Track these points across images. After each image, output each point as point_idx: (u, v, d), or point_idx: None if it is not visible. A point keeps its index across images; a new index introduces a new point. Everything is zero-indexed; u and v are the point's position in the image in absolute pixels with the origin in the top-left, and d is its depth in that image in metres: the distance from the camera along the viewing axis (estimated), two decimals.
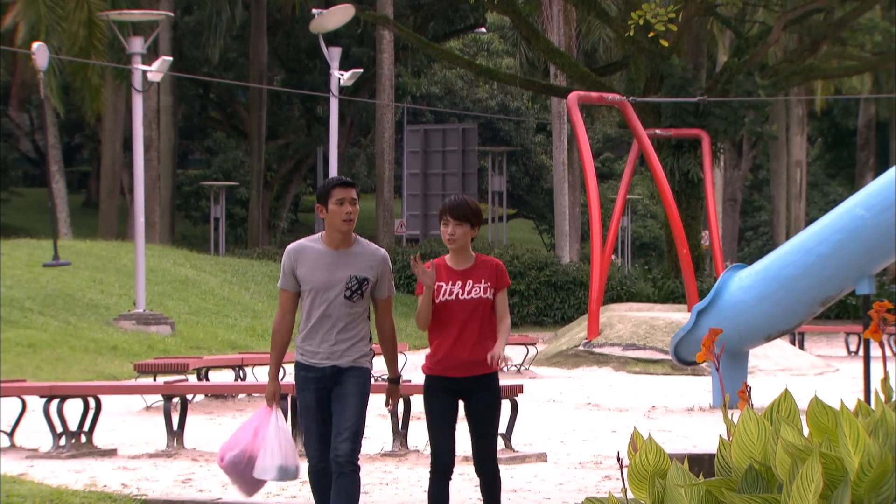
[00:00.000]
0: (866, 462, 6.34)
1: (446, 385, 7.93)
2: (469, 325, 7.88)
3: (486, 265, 7.98)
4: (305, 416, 7.91)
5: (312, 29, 28.56)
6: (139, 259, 23.70)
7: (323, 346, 7.83)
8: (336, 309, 7.81)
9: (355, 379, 7.86)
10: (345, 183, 7.91)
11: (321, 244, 7.93)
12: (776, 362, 22.07)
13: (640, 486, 6.63)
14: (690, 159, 31.60)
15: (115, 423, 14.89)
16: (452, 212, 7.90)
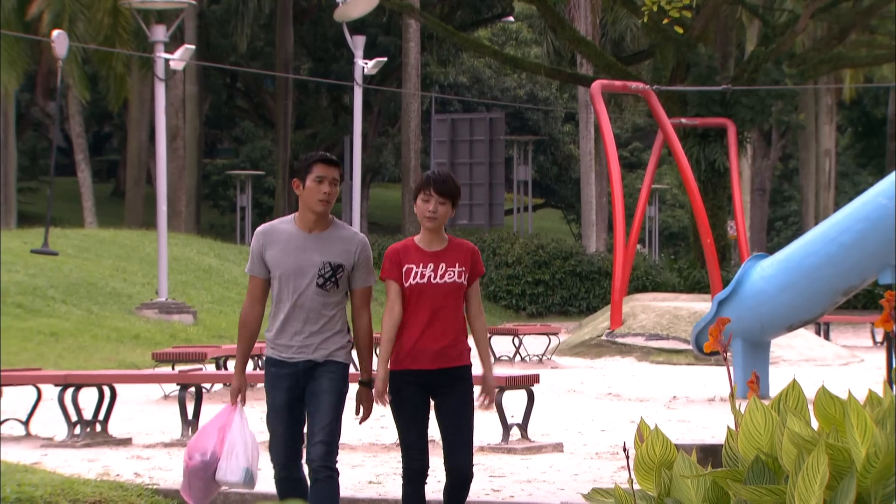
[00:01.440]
0: (873, 453, 6.26)
1: (414, 379, 7.25)
2: (441, 313, 7.25)
3: (460, 248, 7.33)
4: (273, 416, 7.22)
5: (336, 17, 28.50)
6: (161, 248, 23.72)
7: (295, 340, 7.16)
8: (308, 298, 7.14)
9: (331, 375, 7.20)
10: (328, 160, 7.23)
11: (293, 226, 7.25)
12: (800, 352, 21.95)
13: (647, 477, 6.57)
14: (716, 148, 31.45)
15: (132, 412, 14.88)
16: (437, 186, 7.23)
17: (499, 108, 58.30)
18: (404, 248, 7.32)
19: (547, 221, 66.98)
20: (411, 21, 40.99)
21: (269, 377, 7.24)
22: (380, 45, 49.62)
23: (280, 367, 7.18)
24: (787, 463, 6.64)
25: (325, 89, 54.95)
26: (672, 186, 63.98)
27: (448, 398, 7.29)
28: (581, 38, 34.06)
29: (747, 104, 31.36)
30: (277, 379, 7.20)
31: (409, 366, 7.24)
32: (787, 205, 67.07)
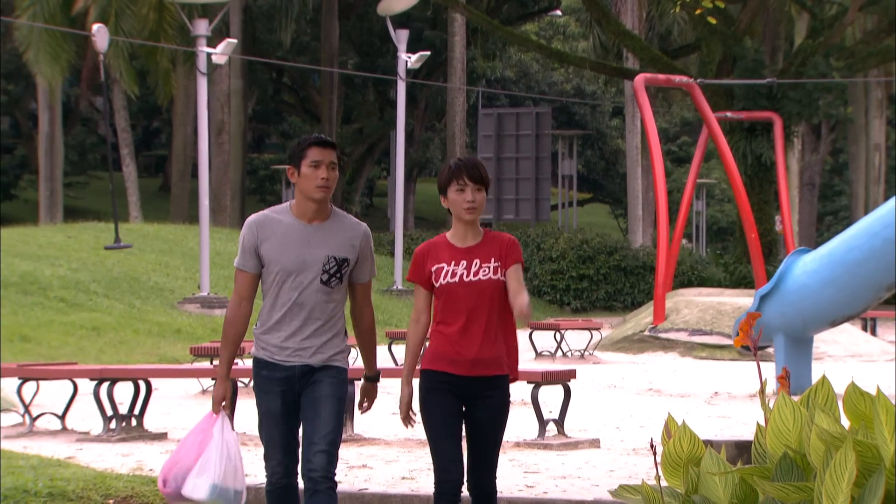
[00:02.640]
0: None
1: (449, 381, 6.60)
2: (477, 315, 6.59)
3: (495, 241, 6.66)
4: (267, 422, 6.59)
5: (380, 11, 28.58)
6: (203, 242, 23.78)
7: (292, 341, 6.51)
8: (310, 296, 6.49)
9: (331, 379, 6.58)
10: (323, 142, 6.58)
11: (290, 216, 6.57)
12: (846, 348, 21.77)
13: (675, 474, 6.51)
14: (763, 142, 31.24)
15: (169, 407, 14.92)
16: (471, 173, 6.59)
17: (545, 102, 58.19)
18: (433, 246, 6.68)
19: (594, 216, 66.83)
20: (456, 15, 40.94)
21: (259, 380, 6.61)
22: (426, 39, 49.59)
23: (272, 370, 6.55)
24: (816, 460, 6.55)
25: (372, 84, 54.97)
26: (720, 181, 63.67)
27: (481, 411, 6.67)
28: (626, 32, 33.91)
29: (794, 98, 31.14)
30: (269, 383, 6.57)
31: (445, 368, 6.63)
32: (838, 199, 66.60)
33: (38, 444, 11.98)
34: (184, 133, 40.74)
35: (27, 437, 12.43)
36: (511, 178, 44.49)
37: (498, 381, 6.67)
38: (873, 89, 47.52)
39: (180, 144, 40.43)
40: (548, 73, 62.71)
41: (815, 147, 54.70)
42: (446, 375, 6.61)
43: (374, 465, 10.74)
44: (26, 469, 10.06)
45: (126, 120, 40.73)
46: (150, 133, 71.16)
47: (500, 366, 6.65)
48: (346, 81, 53.66)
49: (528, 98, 58.67)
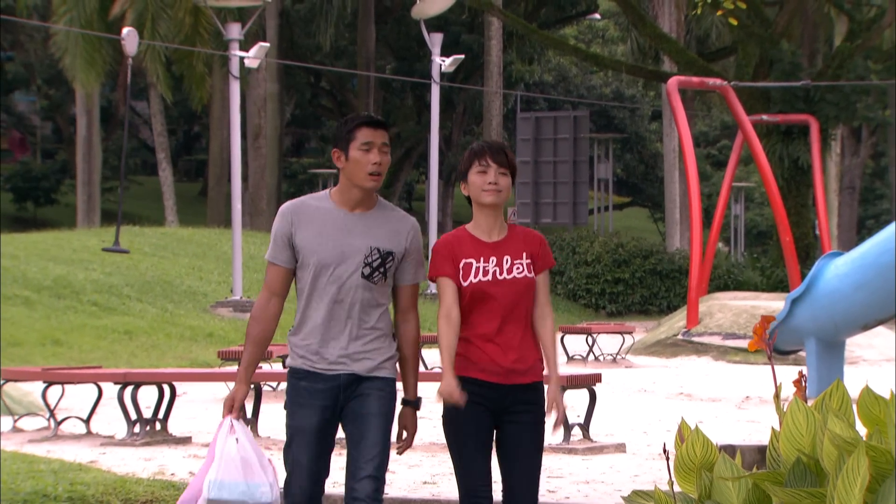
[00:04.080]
0: None
1: (480, 393, 5.85)
2: (512, 318, 5.88)
3: (525, 236, 5.99)
4: (297, 442, 5.79)
5: (414, 15, 28.57)
6: (236, 246, 23.81)
7: (334, 346, 5.74)
8: (350, 292, 5.72)
9: (379, 392, 5.78)
10: (374, 121, 5.82)
11: (330, 203, 5.81)
12: (881, 352, 21.59)
13: (688, 479, 6.43)
14: (800, 146, 31.02)
15: (196, 411, 14.89)
16: (495, 154, 5.91)
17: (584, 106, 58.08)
18: (456, 238, 5.95)
19: (634, 220, 66.66)
20: (493, 19, 40.89)
21: (294, 393, 5.81)
22: (463, 43, 49.55)
23: (313, 380, 5.75)
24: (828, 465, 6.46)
25: (409, 88, 54.99)
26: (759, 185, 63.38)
27: (517, 427, 5.92)
28: (662, 35, 33.76)
29: (831, 101, 30.93)
30: (310, 395, 5.75)
31: (476, 374, 5.87)
32: (879, 203, 66.19)
33: (61, 448, 11.97)
34: (220, 137, 40.81)
35: (51, 441, 12.42)
36: (549, 182, 44.39)
37: (535, 390, 5.96)
38: None
39: (217, 149, 40.51)
40: (587, 77, 62.58)
41: (856, 150, 54.34)
42: (478, 384, 5.85)
43: (395, 469, 10.68)
44: (47, 473, 10.04)
45: (162, 124, 40.86)
46: (190, 137, 71.44)
47: (537, 372, 5.97)
48: (383, 86, 53.69)
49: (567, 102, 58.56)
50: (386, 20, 52.08)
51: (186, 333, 21.75)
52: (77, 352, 19.40)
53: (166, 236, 29.55)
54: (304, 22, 49.46)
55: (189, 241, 29.45)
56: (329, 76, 54.19)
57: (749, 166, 53.47)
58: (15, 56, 59.13)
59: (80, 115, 39.95)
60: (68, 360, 18.51)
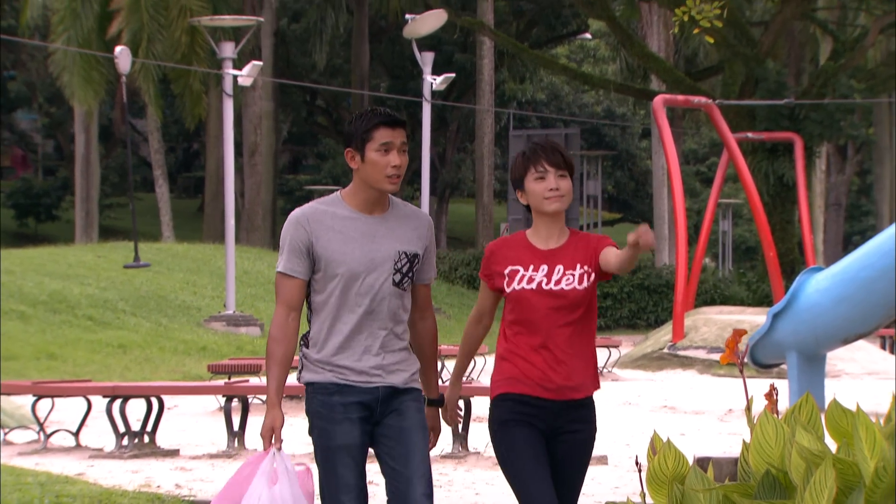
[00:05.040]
0: (881, 467, 6.03)
1: (533, 413, 5.32)
2: (558, 332, 5.33)
3: (582, 242, 5.38)
4: (341, 462, 5.18)
5: (406, 34, 28.52)
6: (229, 260, 23.77)
7: (368, 359, 5.23)
8: (384, 302, 5.22)
9: (417, 405, 5.35)
10: (393, 120, 5.24)
11: (345, 207, 5.25)
12: (863, 366, 21.54)
13: (660, 491, 6.38)
14: (785, 163, 31.05)
15: (186, 424, 14.83)
16: (550, 157, 5.33)
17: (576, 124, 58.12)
18: (508, 244, 5.42)
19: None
20: (484, 38, 40.91)
21: (326, 410, 5.20)
22: (456, 62, 49.61)
23: (347, 393, 5.20)
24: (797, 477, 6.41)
25: (403, 106, 55.06)
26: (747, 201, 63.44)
27: (566, 448, 5.42)
28: (650, 54, 33.78)
29: (816, 119, 30.95)
30: (345, 409, 5.19)
31: (527, 391, 5.32)
32: (865, 219, 66.26)
33: (50, 460, 11.91)
34: (217, 154, 40.72)
35: (40, 454, 12.35)
36: None
37: (587, 407, 5.44)
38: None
39: (213, 165, 40.46)
40: (578, 95, 62.66)
41: (842, 168, 54.37)
42: (528, 401, 5.30)
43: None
44: (34, 486, 9.98)
45: (160, 141, 40.83)
46: (190, 155, 71.45)
47: (586, 386, 5.44)
48: (378, 104, 53.72)
49: (559, 120, 58.61)
50: (380, 39, 52.13)
51: (180, 347, 21.69)
52: (71, 366, 19.33)
53: (161, 252, 29.48)
54: (300, 41, 49.52)
55: (184, 257, 29.40)
56: (324, 94, 54.23)
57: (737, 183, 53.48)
58: (17, 75, 59.16)
59: (78, 132, 39.93)
60: (62, 373, 18.44)
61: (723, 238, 53.57)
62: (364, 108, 5.38)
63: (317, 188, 52.94)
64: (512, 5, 51.70)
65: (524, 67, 54.46)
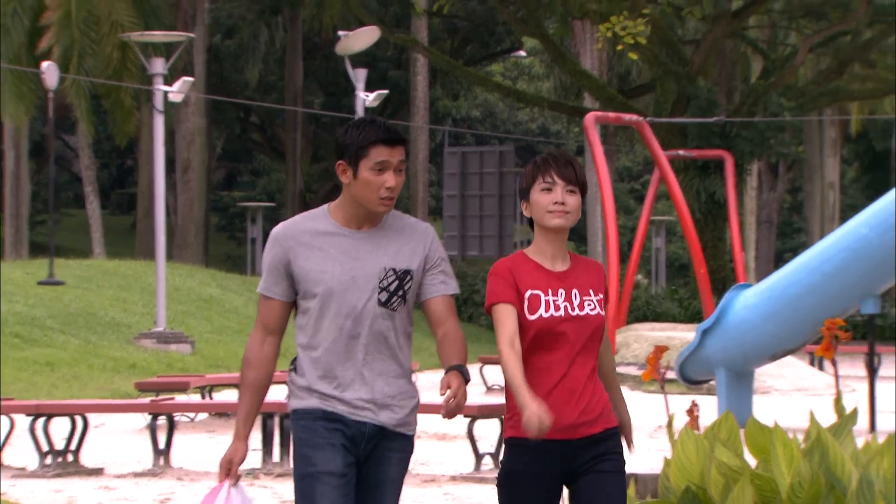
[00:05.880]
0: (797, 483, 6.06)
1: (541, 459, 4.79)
2: (582, 361, 4.84)
3: (590, 268, 4.97)
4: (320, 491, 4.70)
5: (339, 51, 28.52)
6: (160, 278, 23.60)
7: (356, 389, 4.76)
8: (368, 324, 4.77)
9: (400, 456, 4.84)
10: (392, 138, 4.80)
11: (330, 222, 4.84)
12: (792, 382, 21.67)
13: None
14: (717, 180, 31.23)
15: (112, 442, 14.69)
16: (561, 170, 4.86)
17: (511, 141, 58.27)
18: (517, 264, 4.86)
19: None
20: (418, 55, 40.93)
21: (309, 434, 4.75)
22: (390, 78, 49.60)
23: (331, 419, 4.76)
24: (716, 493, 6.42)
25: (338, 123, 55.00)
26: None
27: (594, 479, 4.87)
28: (582, 72, 33.91)
29: (746, 137, 31.18)
30: (330, 434, 4.75)
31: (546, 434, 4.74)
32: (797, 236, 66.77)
33: None
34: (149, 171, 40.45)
35: None
36: (476, 216, 44.47)
37: (608, 440, 4.91)
38: (827, 128, 47.66)
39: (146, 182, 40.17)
40: (513, 113, 62.81)
41: (773, 185, 54.78)
42: (540, 446, 4.75)
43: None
44: None
45: (90, 158, 40.55)
46: (123, 171, 71.05)
47: (609, 417, 4.95)
48: (314, 120, 53.62)
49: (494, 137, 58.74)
50: (315, 56, 52.05)
51: (109, 365, 21.48)
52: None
53: (91, 268, 29.19)
54: (233, 57, 49.35)
55: (114, 273, 29.14)
56: (258, 111, 54.08)
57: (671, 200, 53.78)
58: None
59: (7, 148, 39.57)
60: None
61: (656, 255, 53.79)
62: (360, 118, 4.94)
63: (250, 205, 52.74)
64: (446, 23, 51.78)
65: (458, 84, 54.55)
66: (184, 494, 11.14)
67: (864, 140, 60.36)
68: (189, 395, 16.62)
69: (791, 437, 6.32)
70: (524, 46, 57.96)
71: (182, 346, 23.64)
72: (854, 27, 32.32)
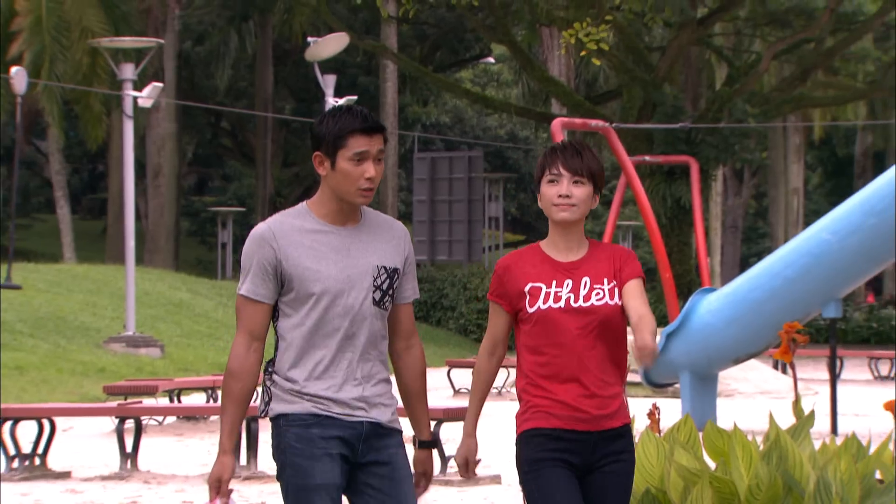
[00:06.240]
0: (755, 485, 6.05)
1: (566, 448, 4.65)
2: (592, 352, 4.66)
3: (605, 254, 4.74)
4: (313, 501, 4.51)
5: (308, 57, 28.46)
6: (129, 282, 23.49)
7: (349, 389, 4.56)
8: (363, 324, 4.58)
9: (401, 451, 4.66)
10: (370, 126, 4.59)
11: (313, 219, 4.62)
12: (756, 385, 21.72)
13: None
14: (682, 186, 31.28)
15: (80, 446, 14.61)
16: (568, 160, 4.69)
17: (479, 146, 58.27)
18: (525, 257, 4.74)
19: None
20: (388, 62, 40.91)
21: (304, 443, 4.51)
22: (360, 84, 49.57)
23: (326, 426, 4.52)
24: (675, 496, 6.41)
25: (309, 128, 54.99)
26: None
27: (607, 481, 4.71)
28: (549, 78, 33.93)
29: (711, 143, 31.24)
30: (325, 443, 4.51)
31: (560, 424, 4.65)
32: (762, 241, 66.98)
33: None
34: (120, 175, 40.35)
35: None
36: (445, 221, 44.46)
37: (623, 437, 4.75)
38: (791, 135, 47.84)
39: (116, 187, 40.06)
40: (482, 119, 62.80)
41: (738, 191, 54.96)
42: (564, 434, 4.63)
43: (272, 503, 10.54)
44: None
45: (61, 162, 40.39)
46: (95, 176, 70.81)
47: (624, 413, 4.76)
48: (285, 126, 53.55)
49: (463, 142, 58.73)
50: (285, 62, 51.96)
51: (78, 369, 21.37)
52: None
53: (61, 273, 29.05)
54: (204, 64, 49.24)
55: (84, 278, 29.01)
56: (229, 116, 53.97)
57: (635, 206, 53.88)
58: None
59: None
60: None
61: None
62: (336, 107, 4.69)
63: (221, 210, 52.62)
64: (415, 29, 51.77)
65: (428, 90, 54.58)
66: (151, 497, 11.08)
67: (828, 146, 60.66)
68: (157, 398, 16.55)
69: (751, 439, 6.32)
70: (493, 53, 57.98)
71: (151, 349, 23.55)
72: (817, 35, 32.44)
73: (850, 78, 37.01)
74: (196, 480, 11.87)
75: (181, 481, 11.93)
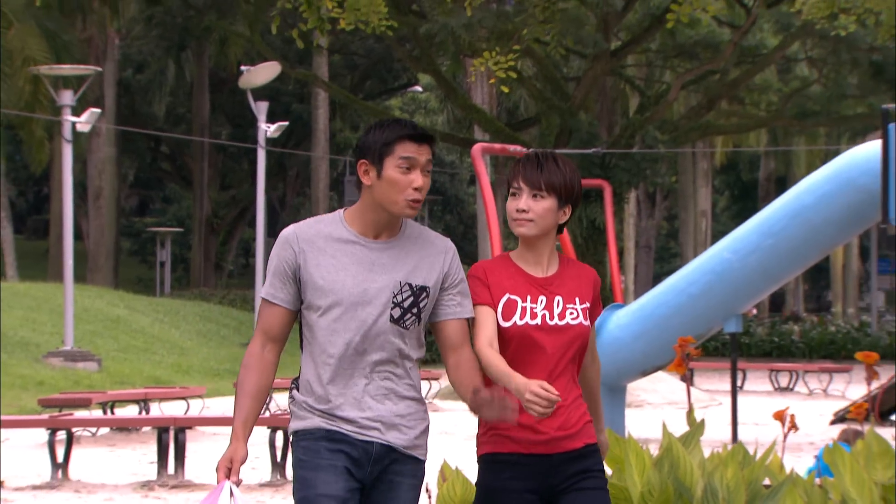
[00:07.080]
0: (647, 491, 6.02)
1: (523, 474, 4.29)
2: (560, 373, 4.33)
3: (580, 274, 4.44)
4: None
5: (241, 84, 28.37)
6: (68, 298, 23.23)
7: (361, 407, 4.20)
8: (378, 340, 4.19)
9: (412, 482, 4.28)
10: (419, 135, 4.23)
11: (345, 229, 4.24)
12: (664, 396, 21.79)
13: None
14: (597, 208, 31.38)
15: (14, 456, 14.37)
16: (528, 173, 4.34)
17: None
18: (498, 266, 4.35)
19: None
20: (319, 90, 40.83)
21: (310, 455, 4.19)
22: (293, 111, 49.47)
23: (335, 440, 4.19)
24: None
25: (244, 153, 54.78)
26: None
27: (576, 498, 4.34)
28: (472, 106, 33.98)
29: (624, 167, 31.38)
30: (332, 455, 4.17)
31: (513, 448, 4.29)
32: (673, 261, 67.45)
33: None
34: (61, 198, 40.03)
35: None
36: None
37: (588, 457, 4.38)
38: (699, 160, 48.20)
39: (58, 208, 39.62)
40: None
41: (651, 213, 55.28)
42: (520, 459, 4.29)
43: None
44: None
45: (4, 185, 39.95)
46: (40, 198, 70.43)
47: (589, 432, 4.41)
48: (221, 150, 53.34)
49: None
50: (221, 90, 51.80)
51: (17, 382, 21.07)
52: None
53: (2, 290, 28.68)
54: (143, 91, 48.99)
55: (24, 295, 28.65)
56: (168, 141, 53.72)
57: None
58: None
59: None
60: None
61: None
62: (385, 118, 4.34)
63: (160, 230, 52.35)
64: (346, 59, 51.73)
65: (358, 117, 54.52)
66: None
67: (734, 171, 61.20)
68: (91, 410, 16.32)
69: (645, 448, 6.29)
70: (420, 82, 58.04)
71: (89, 364, 23.26)
72: (722, 67, 32.71)
73: (754, 107, 37.32)
74: (125, 489, 11.71)
75: (111, 490, 11.76)
